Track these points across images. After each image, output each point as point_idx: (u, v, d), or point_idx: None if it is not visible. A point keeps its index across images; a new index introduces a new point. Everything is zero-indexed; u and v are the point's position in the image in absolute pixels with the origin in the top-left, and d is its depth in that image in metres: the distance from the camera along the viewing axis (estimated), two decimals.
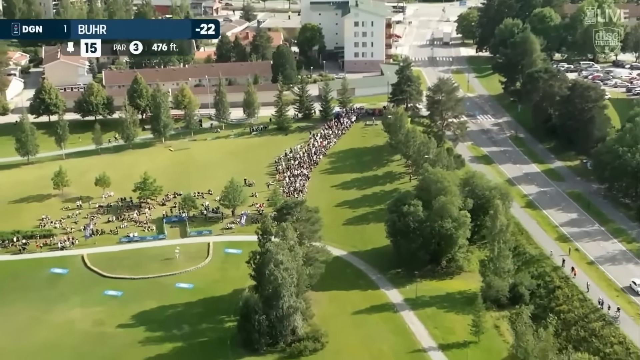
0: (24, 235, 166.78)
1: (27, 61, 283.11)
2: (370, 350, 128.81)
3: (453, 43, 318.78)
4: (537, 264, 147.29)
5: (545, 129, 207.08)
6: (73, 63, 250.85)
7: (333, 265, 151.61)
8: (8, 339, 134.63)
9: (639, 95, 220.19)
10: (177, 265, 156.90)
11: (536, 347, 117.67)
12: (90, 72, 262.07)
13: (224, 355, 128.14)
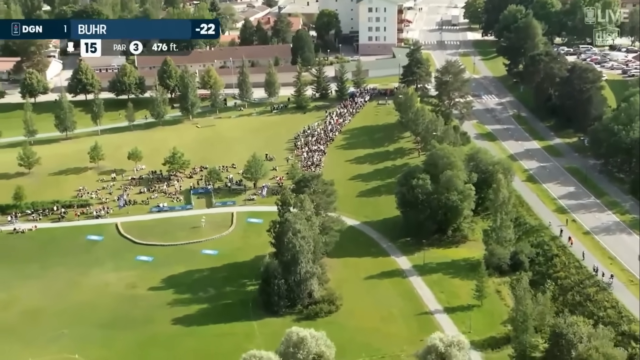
0: (63, 204, 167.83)
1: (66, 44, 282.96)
2: (381, 313, 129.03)
3: (460, 27, 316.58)
4: (537, 234, 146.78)
5: (545, 108, 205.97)
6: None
7: (347, 234, 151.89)
8: (49, 299, 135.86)
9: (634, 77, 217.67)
10: (203, 233, 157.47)
11: (535, 311, 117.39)
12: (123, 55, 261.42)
13: (246, 316, 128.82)
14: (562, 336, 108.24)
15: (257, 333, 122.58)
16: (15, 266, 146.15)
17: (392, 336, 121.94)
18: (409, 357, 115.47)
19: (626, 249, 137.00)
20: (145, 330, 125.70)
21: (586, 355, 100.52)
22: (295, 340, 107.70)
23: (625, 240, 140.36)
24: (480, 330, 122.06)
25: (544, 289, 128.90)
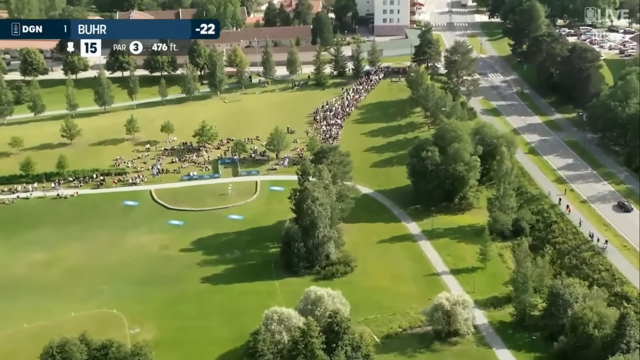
0: (101, 172, 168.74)
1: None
2: (392, 273, 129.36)
3: (469, 10, 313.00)
4: (537, 202, 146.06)
5: (547, 86, 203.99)
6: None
7: (361, 201, 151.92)
8: (90, 259, 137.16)
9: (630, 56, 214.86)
10: (229, 200, 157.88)
11: (534, 273, 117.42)
12: None
13: (268, 276, 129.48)
14: (559, 296, 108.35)
15: (279, 291, 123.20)
16: (59, 228, 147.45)
17: (402, 295, 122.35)
18: (417, 314, 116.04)
19: (620, 216, 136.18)
20: (176, 288, 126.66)
21: (581, 314, 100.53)
22: (313, 299, 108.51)
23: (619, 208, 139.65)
24: (483, 291, 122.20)
25: (543, 253, 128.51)
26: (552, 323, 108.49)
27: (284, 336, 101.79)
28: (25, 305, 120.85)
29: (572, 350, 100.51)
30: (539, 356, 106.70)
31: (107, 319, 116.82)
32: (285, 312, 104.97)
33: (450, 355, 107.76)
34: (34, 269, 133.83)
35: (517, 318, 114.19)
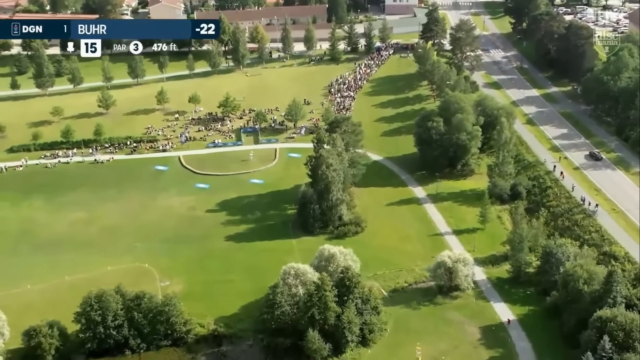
0: (134, 139, 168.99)
1: (137, 3, 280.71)
2: (399, 233, 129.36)
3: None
4: (533, 169, 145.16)
5: (544, 61, 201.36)
6: (172, 5, 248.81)
7: (372, 167, 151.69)
8: (125, 218, 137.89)
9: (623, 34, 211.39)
10: (251, 165, 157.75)
11: (529, 234, 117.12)
12: (185, 13, 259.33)
13: (286, 235, 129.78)
14: (552, 255, 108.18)
15: (295, 249, 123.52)
16: (97, 191, 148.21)
17: (409, 253, 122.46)
18: (422, 271, 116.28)
19: (610, 181, 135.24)
20: (203, 245, 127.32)
21: (572, 271, 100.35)
22: (326, 256, 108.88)
23: (609, 175, 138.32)
24: (482, 249, 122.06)
25: (538, 215, 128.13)
26: (545, 279, 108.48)
27: (300, 289, 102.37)
28: (67, 259, 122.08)
29: (563, 304, 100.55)
30: (532, 309, 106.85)
31: (140, 273, 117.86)
32: (301, 267, 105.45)
33: (451, 308, 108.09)
34: (74, 227, 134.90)
35: (513, 275, 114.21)
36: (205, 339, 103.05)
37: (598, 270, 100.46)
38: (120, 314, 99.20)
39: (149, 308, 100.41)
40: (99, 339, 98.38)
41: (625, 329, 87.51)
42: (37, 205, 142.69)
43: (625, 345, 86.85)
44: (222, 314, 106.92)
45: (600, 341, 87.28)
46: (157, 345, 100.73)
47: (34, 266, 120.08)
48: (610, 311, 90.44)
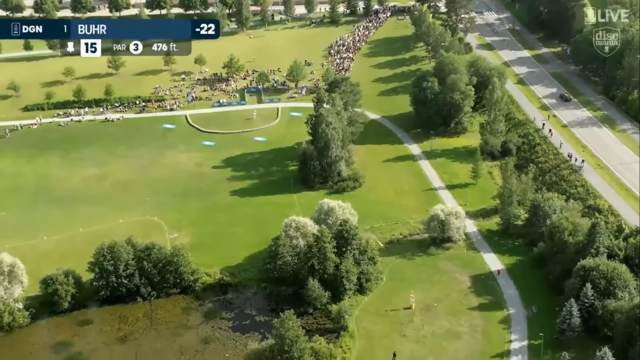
0: (143, 99, 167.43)
1: None
2: (395, 188, 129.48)
3: None
4: (523, 127, 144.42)
5: (536, 23, 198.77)
6: None
7: (369, 125, 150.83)
8: (135, 173, 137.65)
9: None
10: (254, 124, 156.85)
11: (518, 188, 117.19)
12: None
13: (288, 190, 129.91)
14: (539, 208, 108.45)
15: (297, 203, 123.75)
16: (108, 148, 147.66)
17: (404, 207, 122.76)
18: (416, 224, 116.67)
19: (596, 139, 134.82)
20: (209, 199, 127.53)
21: (558, 224, 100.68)
22: (326, 209, 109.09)
23: (595, 132, 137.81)
24: (474, 203, 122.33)
25: (527, 171, 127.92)
26: (532, 231, 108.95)
27: (301, 241, 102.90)
28: (81, 212, 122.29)
29: (549, 255, 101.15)
30: (520, 259, 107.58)
31: (150, 226, 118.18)
32: (301, 220, 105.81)
33: (444, 258, 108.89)
34: (88, 182, 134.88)
35: (502, 227, 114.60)
36: (212, 287, 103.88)
37: (582, 222, 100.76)
38: (131, 263, 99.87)
39: (158, 258, 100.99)
40: (111, 287, 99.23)
41: (607, 277, 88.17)
42: (52, 161, 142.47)
43: (606, 292, 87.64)
44: (227, 264, 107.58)
45: (583, 288, 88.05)
46: (167, 293, 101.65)
47: (50, 219, 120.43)
48: (593, 260, 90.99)
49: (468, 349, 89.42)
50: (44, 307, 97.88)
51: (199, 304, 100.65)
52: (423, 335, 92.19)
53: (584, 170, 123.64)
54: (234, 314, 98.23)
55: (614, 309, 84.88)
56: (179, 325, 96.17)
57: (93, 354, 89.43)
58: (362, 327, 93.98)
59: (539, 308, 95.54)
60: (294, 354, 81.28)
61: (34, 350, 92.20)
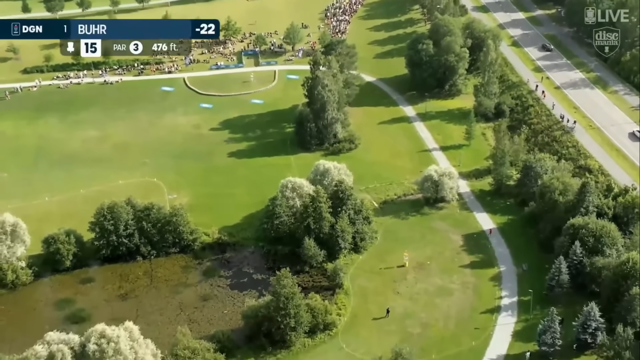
0: (142, 62, 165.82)
1: None
2: (390, 150, 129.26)
3: None
4: (517, 88, 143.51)
5: None
6: None
7: (365, 88, 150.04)
8: (134, 135, 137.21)
9: None
10: (251, 86, 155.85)
11: (511, 149, 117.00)
12: None
13: (284, 152, 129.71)
14: (531, 169, 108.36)
15: (293, 164, 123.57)
16: (107, 110, 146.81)
17: (399, 168, 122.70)
18: (410, 184, 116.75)
19: (588, 100, 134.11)
20: (207, 161, 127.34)
21: (549, 183, 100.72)
22: (322, 170, 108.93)
23: (587, 94, 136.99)
24: (467, 164, 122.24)
25: (520, 132, 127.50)
26: (524, 191, 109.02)
27: (297, 201, 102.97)
28: (81, 174, 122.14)
29: (540, 214, 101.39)
30: (511, 219, 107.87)
31: (149, 187, 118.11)
32: (298, 181, 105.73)
33: (437, 218, 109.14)
34: (87, 144, 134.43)
35: (494, 187, 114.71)
36: (211, 247, 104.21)
37: (573, 182, 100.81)
38: (131, 223, 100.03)
39: (157, 218, 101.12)
40: (112, 246, 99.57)
41: (596, 235, 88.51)
42: (52, 123, 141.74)
43: (594, 249, 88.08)
44: (225, 224, 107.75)
45: (572, 246, 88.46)
46: (166, 252, 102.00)
47: (51, 179, 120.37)
48: (583, 219, 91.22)
49: (459, 305, 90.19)
50: (47, 266, 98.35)
51: (198, 262, 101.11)
52: (416, 292, 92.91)
53: (576, 131, 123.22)
54: (232, 272, 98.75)
55: (602, 265, 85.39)
56: (179, 283, 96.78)
57: (95, 310, 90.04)
58: (356, 285, 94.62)
59: (529, 265, 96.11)
60: (289, 310, 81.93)
61: (37, 307, 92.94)
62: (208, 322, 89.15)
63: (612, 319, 78.67)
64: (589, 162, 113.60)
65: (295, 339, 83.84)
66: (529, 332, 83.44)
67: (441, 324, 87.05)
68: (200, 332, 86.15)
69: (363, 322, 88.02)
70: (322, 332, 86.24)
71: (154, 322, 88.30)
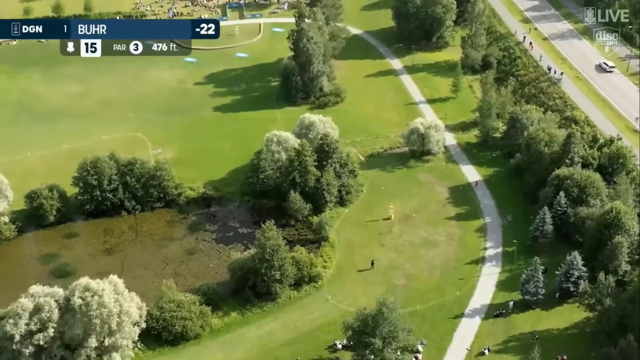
0: (124, 15, 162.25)
1: None
2: (377, 103, 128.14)
3: None
4: (504, 40, 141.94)
5: None
6: None
7: (351, 40, 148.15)
8: (118, 90, 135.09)
9: None
10: (236, 40, 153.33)
11: (498, 101, 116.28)
12: None
13: (270, 106, 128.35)
14: (517, 120, 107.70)
15: (279, 118, 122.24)
16: (90, 64, 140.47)
17: (385, 121, 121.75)
18: (397, 137, 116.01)
19: (575, 51, 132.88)
20: (192, 116, 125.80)
21: (535, 135, 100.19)
22: (307, 124, 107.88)
23: (575, 44, 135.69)
24: (454, 117, 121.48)
25: (507, 84, 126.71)
26: (510, 143, 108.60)
27: (283, 155, 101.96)
28: (64, 129, 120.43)
29: (526, 165, 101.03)
30: (497, 171, 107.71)
31: (134, 142, 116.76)
32: (283, 135, 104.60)
33: (423, 170, 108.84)
34: (71, 99, 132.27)
35: (481, 139, 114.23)
36: (196, 201, 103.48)
37: (558, 133, 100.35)
38: (114, 178, 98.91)
39: (141, 173, 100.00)
40: (96, 201, 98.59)
41: (580, 186, 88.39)
42: (34, 78, 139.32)
43: (579, 200, 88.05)
44: (211, 179, 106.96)
45: (556, 197, 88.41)
46: (151, 207, 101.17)
47: (34, 135, 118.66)
48: (568, 170, 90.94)
49: (444, 256, 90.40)
50: (30, 221, 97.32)
51: (183, 217, 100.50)
52: (401, 244, 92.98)
53: (563, 82, 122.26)
54: (218, 226, 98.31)
55: (586, 215, 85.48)
56: (164, 238, 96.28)
57: (80, 265, 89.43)
58: (342, 238, 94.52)
59: (514, 217, 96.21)
60: (275, 263, 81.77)
61: (21, 261, 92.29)
62: (194, 275, 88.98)
63: (595, 267, 79.08)
64: (575, 114, 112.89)
65: (281, 291, 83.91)
66: (512, 282, 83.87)
67: (426, 275, 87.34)
68: (185, 286, 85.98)
69: (348, 274, 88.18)
70: (308, 284, 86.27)
71: (139, 276, 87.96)
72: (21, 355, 70.97)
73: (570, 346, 74.71)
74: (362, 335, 70.91)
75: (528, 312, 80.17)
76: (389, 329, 70.81)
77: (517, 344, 75.93)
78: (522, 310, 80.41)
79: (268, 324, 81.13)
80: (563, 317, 79.11)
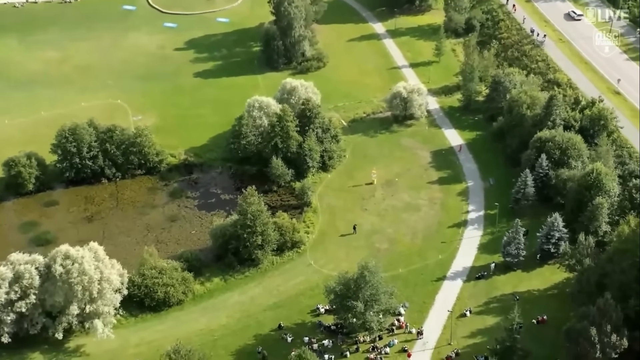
0: None
1: None
2: (359, 68, 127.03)
3: None
4: (487, 3, 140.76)
5: None
6: None
7: (333, 4, 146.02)
8: (97, 56, 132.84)
9: None
10: (217, 4, 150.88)
11: (480, 64, 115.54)
12: None
13: (251, 71, 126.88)
14: (500, 83, 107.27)
15: (261, 84, 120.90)
16: (66, 30, 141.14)
17: (368, 86, 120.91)
18: (379, 102, 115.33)
19: (558, 13, 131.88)
20: (173, 82, 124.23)
21: (517, 97, 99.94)
22: (288, 89, 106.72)
23: (558, 6, 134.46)
24: (437, 81, 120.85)
25: (490, 47, 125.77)
26: (492, 106, 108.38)
27: (264, 120, 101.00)
28: (42, 96, 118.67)
29: (508, 129, 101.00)
30: (480, 134, 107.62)
31: (114, 108, 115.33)
32: (265, 100, 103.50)
33: (406, 135, 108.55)
34: (48, 65, 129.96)
35: (463, 103, 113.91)
36: (177, 168, 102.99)
37: (541, 95, 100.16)
38: (94, 145, 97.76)
39: (121, 140, 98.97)
40: (76, 168, 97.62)
41: (562, 148, 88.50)
42: (10, 44, 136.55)
43: (560, 162, 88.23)
44: (192, 145, 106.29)
45: (538, 159, 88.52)
46: (132, 174, 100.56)
47: (11, 102, 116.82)
48: (549, 132, 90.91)
49: (427, 220, 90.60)
50: (9, 190, 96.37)
51: (165, 184, 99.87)
52: (384, 208, 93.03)
53: (546, 45, 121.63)
54: (199, 193, 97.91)
55: (567, 177, 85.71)
56: (145, 205, 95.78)
57: (60, 233, 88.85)
58: (325, 203, 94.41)
59: (496, 180, 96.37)
60: (256, 228, 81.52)
61: (1, 230, 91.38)
62: (176, 242, 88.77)
63: (575, 229, 79.53)
64: (557, 76, 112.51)
65: (263, 256, 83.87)
66: (494, 244, 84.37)
67: (408, 239, 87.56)
68: (168, 253, 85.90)
69: (331, 239, 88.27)
70: (290, 249, 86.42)
71: (120, 244, 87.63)
72: (2, 322, 70.64)
73: (551, 306, 75.58)
74: (345, 299, 71.14)
75: (509, 274, 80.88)
76: (371, 292, 71.06)
77: (498, 305, 76.68)
78: (503, 272, 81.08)
79: (251, 289, 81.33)
80: (543, 278, 79.91)
